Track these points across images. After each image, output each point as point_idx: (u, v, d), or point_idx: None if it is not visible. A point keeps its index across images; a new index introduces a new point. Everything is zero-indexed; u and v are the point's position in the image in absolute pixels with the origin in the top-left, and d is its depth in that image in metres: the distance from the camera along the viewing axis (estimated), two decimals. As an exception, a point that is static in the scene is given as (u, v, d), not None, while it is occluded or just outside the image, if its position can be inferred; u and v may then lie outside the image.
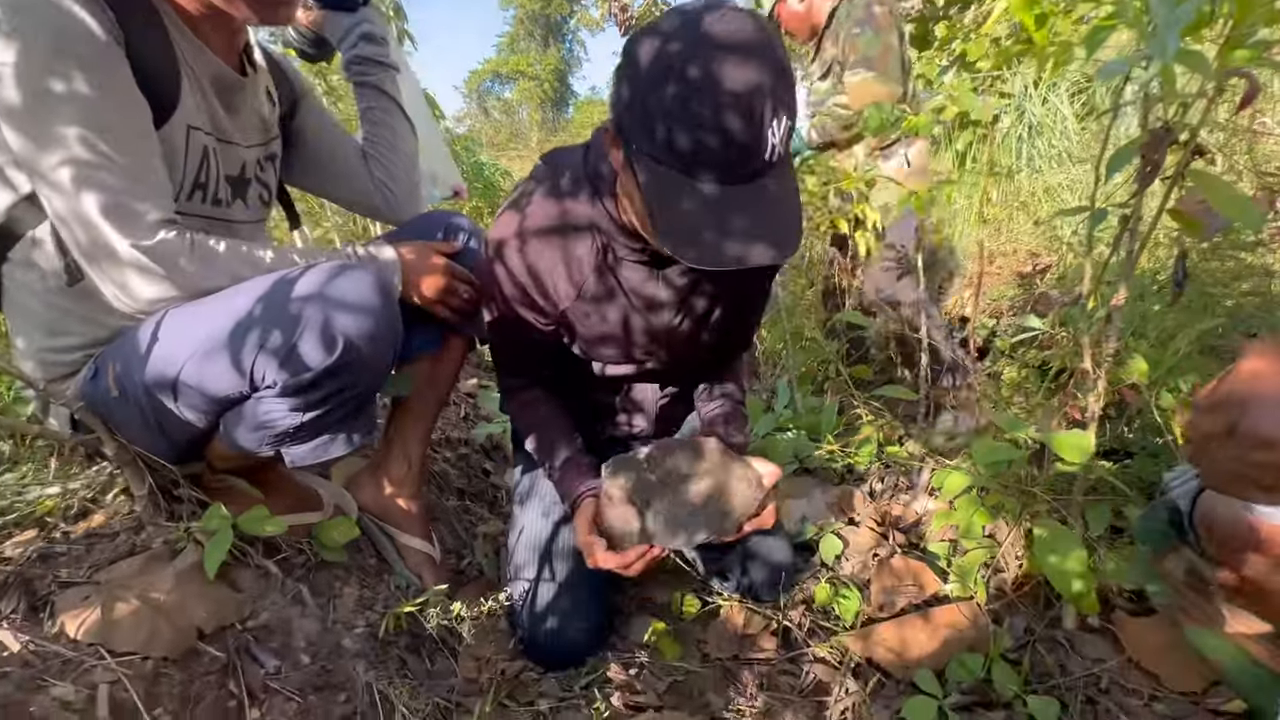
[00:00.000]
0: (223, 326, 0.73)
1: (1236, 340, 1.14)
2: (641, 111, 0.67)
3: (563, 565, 1.09)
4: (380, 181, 1.16)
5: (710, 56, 0.64)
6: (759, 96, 0.64)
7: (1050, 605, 1.05)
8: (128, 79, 0.74)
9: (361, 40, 1.13)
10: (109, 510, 1.02)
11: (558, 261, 0.91)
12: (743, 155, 0.66)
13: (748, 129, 0.65)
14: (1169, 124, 0.87)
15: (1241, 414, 0.49)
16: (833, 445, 1.53)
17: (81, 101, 0.70)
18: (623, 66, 0.70)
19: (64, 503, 1.02)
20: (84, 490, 1.06)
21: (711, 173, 0.67)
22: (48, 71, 0.69)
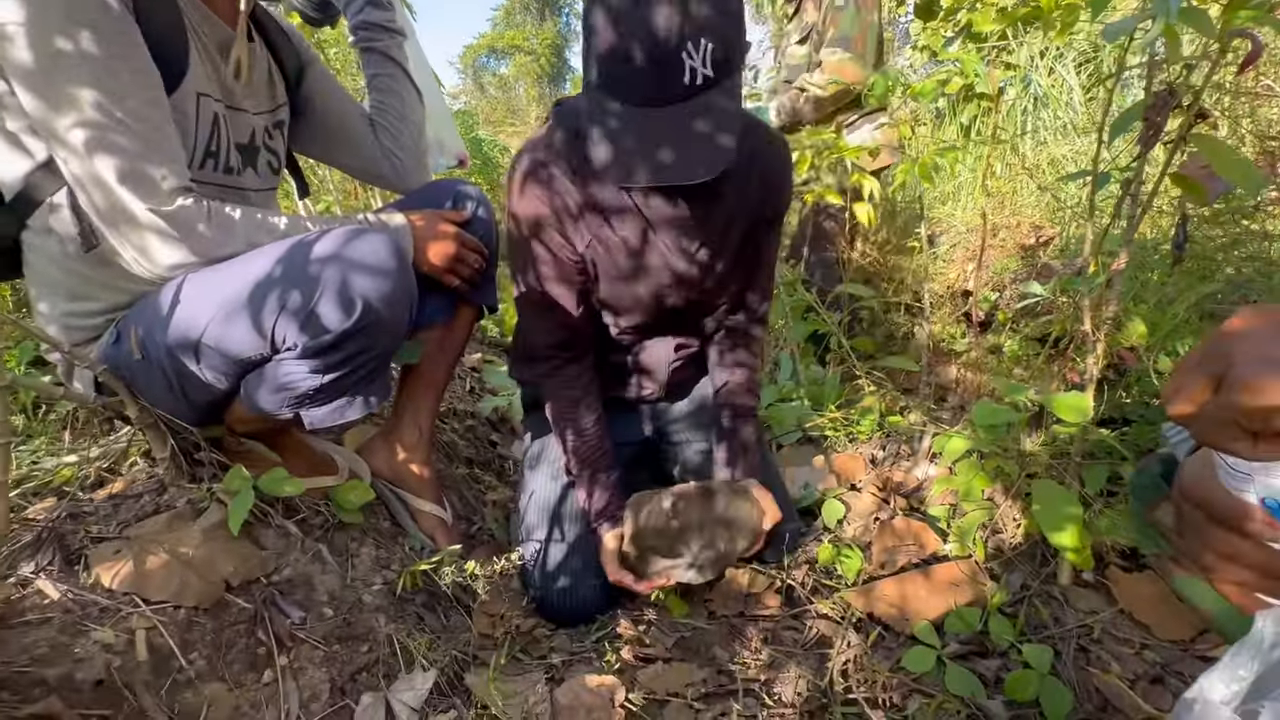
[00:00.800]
0: (243, 289, 0.75)
1: (1235, 305, 1.16)
2: (586, 49, 0.75)
3: (573, 526, 1.12)
4: (388, 149, 1.16)
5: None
6: (671, 23, 0.68)
7: (1046, 562, 1.08)
8: (140, 46, 0.75)
9: (368, 5, 1.13)
10: (127, 479, 1.05)
11: (577, 189, 0.95)
12: (656, 80, 0.71)
13: (655, 53, 0.69)
14: (1172, 86, 0.88)
15: (1228, 365, 0.52)
16: (835, 414, 1.56)
17: (95, 66, 0.71)
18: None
19: (80, 471, 1.05)
20: (100, 460, 1.09)
21: (632, 96, 0.72)
22: (62, 35, 0.69)
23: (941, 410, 1.76)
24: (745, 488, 1.09)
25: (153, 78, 0.76)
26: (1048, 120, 3.02)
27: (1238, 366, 0.50)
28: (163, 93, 0.78)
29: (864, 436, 1.55)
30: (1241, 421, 0.52)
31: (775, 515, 1.06)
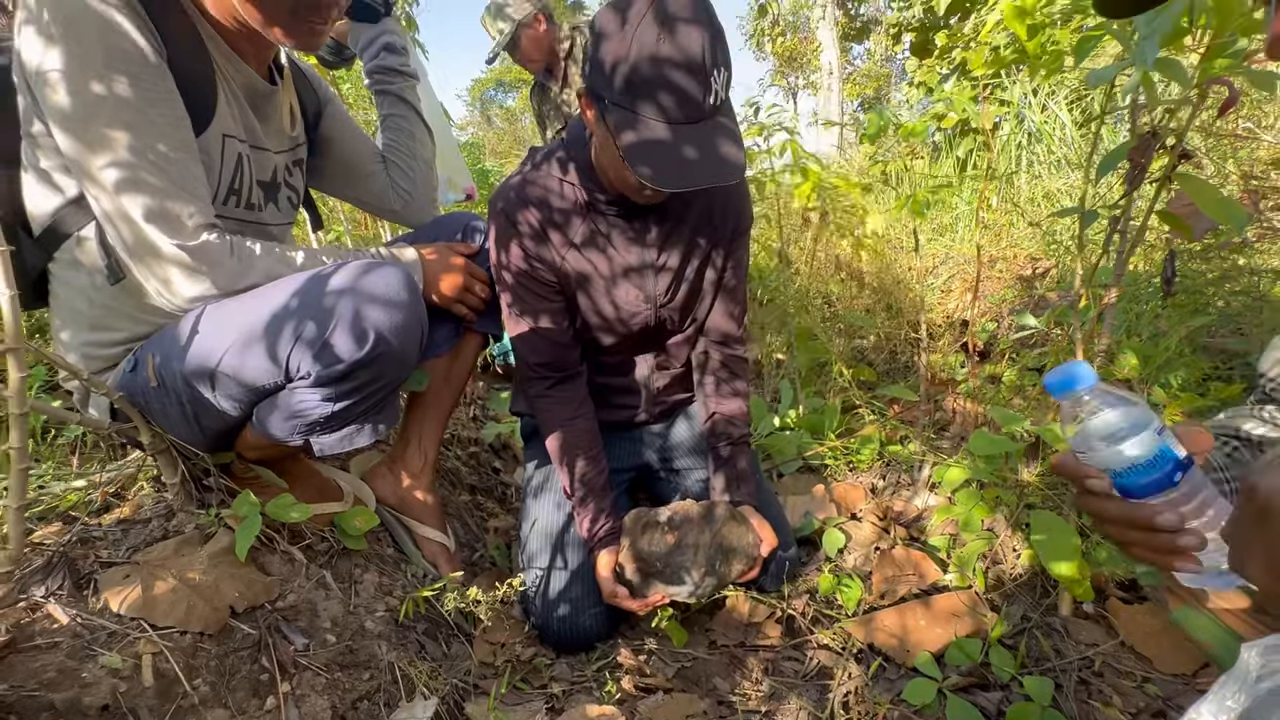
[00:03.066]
0: (260, 320, 0.77)
1: (1226, 339, 1.18)
2: (611, 70, 0.82)
3: (575, 554, 1.13)
4: (399, 186, 1.21)
5: (661, 21, 0.78)
6: (703, 53, 0.79)
7: (1046, 593, 1.09)
8: (172, 93, 0.79)
9: (384, 51, 1.18)
10: (134, 503, 1.06)
11: (549, 218, 1.03)
12: (688, 104, 0.81)
13: (692, 80, 0.79)
14: (1155, 129, 0.92)
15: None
16: (835, 443, 1.57)
17: (130, 111, 0.75)
18: (592, 41, 0.85)
19: (87, 496, 1.07)
20: (108, 484, 1.11)
21: (664, 115, 0.81)
22: (100, 82, 0.74)
23: (941, 439, 1.77)
24: (743, 513, 1.10)
25: (182, 122, 0.80)
26: (1041, 155, 3.09)
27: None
28: (191, 135, 0.82)
29: (864, 465, 1.55)
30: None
31: (772, 541, 1.08)
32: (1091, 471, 0.51)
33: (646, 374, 1.22)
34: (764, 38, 12.25)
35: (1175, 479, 0.48)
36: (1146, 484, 0.48)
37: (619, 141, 0.83)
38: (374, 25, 1.19)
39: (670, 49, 0.79)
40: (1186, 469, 0.48)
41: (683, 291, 1.11)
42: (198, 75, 0.82)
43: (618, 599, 1.05)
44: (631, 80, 0.81)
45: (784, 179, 1.77)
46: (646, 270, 1.08)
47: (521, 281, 1.05)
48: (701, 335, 1.21)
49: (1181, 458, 0.48)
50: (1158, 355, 1.05)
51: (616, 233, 1.05)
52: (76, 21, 0.73)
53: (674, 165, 0.82)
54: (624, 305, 1.09)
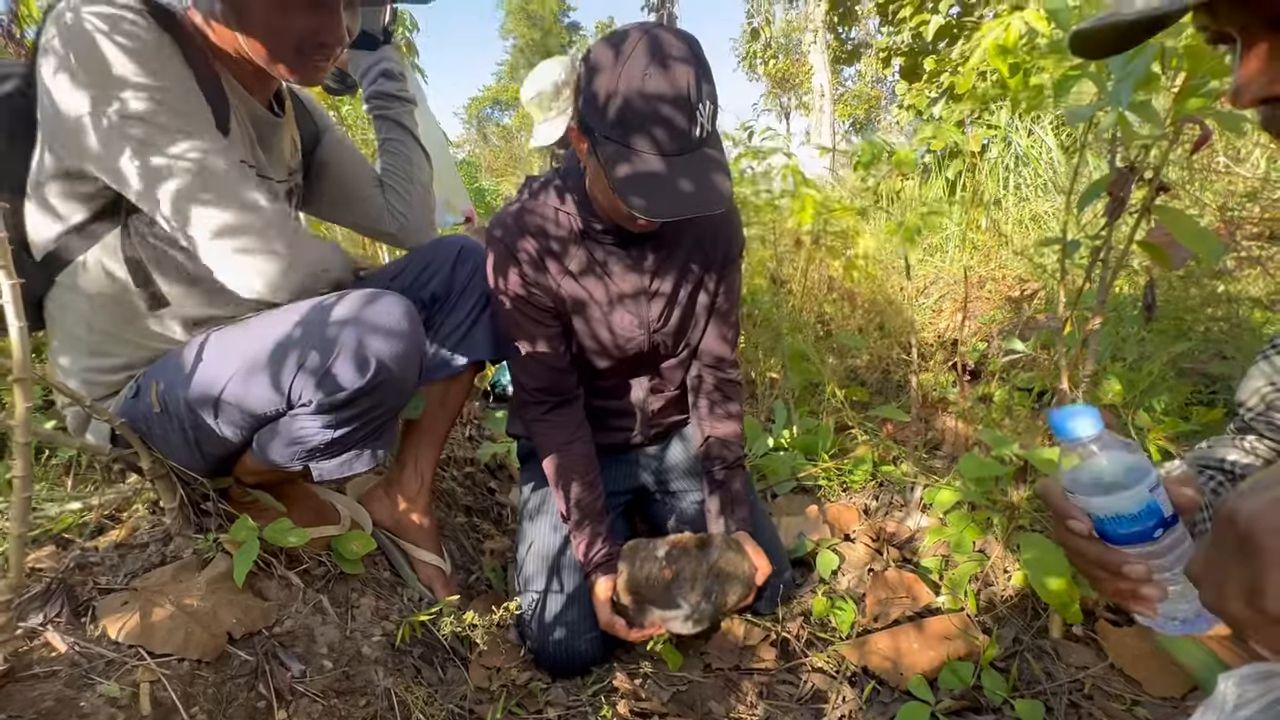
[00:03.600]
0: (264, 349, 0.79)
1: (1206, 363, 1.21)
2: (603, 105, 0.84)
3: (571, 577, 1.13)
4: (396, 209, 1.22)
5: (651, 57, 0.82)
6: (689, 88, 0.82)
7: (1037, 615, 1.10)
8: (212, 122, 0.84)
9: (382, 77, 1.21)
10: (129, 525, 1.07)
11: (546, 246, 1.06)
12: (678, 136, 0.84)
13: (680, 113, 0.83)
14: (1133, 163, 0.95)
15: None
16: (828, 464, 1.58)
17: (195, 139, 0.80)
18: (585, 74, 0.88)
19: (81, 519, 1.07)
20: (102, 507, 1.11)
21: (654, 146, 0.84)
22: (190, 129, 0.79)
23: (934, 459, 1.79)
24: (739, 541, 1.11)
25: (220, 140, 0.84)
26: (1029, 178, 3.15)
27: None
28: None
29: (857, 486, 1.57)
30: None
31: (766, 569, 1.09)
32: (1074, 512, 0.52)
33: (641, 397, 1.23)
34: (756, 60, 12.47)
35: (1155, 534, 0.49)
36: (1126, 534, 0.49)
37: (610, 173, 0.86)
38: (373, 52, 1.22)
39: (659, 84, 0.82)
40: (1170, 526, 0.49)
41: (676, 316, 1.13)
42: (218, 107, 0.84)
43: (615, 628, 1.06)
44: (622, 112, 0.84)
45: (781, 203, 1.81)
46: (641, 296, 1.10)
47: (519, 308, 1.07)
48: (695, 359, 1.22)
49: (1167, 515, 0.49)
50: (1141, 380, 1.07)
51: (612, 259, 1.08)
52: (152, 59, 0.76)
53: (663, 195, 0.84)
54: (620, 331, 1.11)
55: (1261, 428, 0.67)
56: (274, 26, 0.83)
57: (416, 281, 1.12)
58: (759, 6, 11.27)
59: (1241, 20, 0.43)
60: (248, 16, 0.83)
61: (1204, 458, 0.68)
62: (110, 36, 0.76)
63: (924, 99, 5.51)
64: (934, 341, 2.75)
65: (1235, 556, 0.39)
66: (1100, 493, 0.49)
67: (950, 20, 5.20)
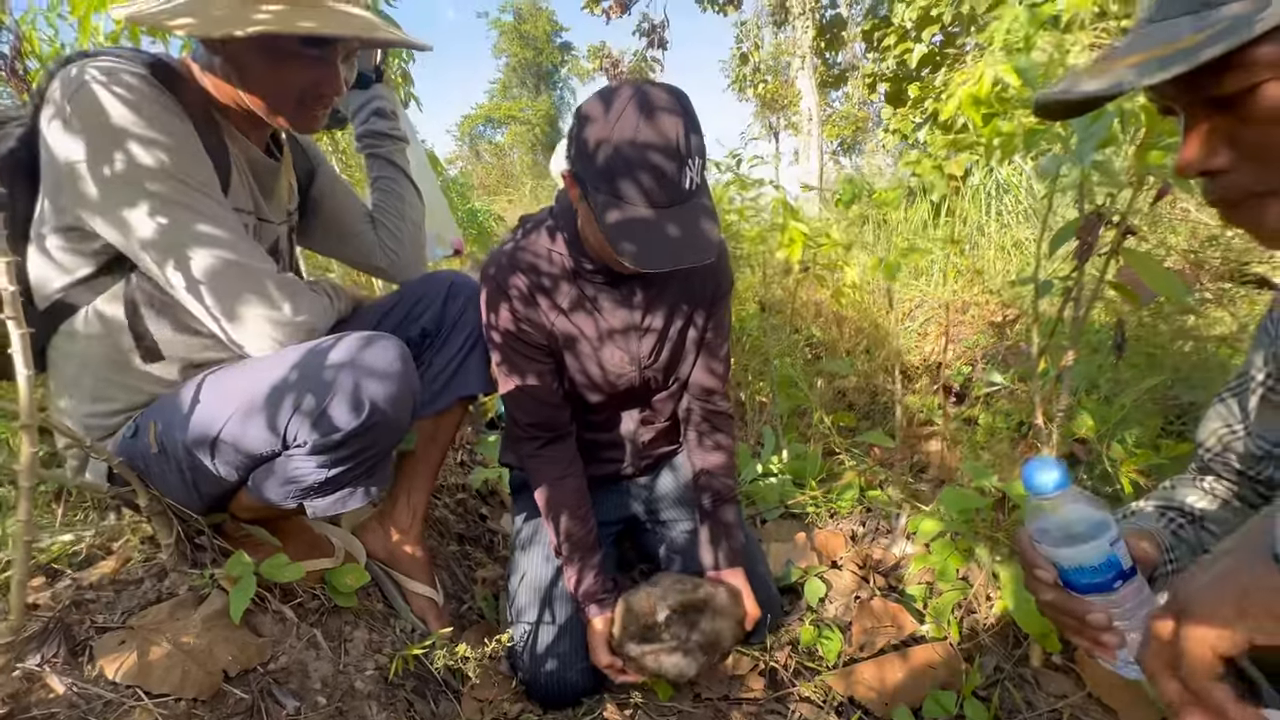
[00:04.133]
0: (261, 391, 0.81)
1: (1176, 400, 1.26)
2: (593, 166, 0.88)
3: (563, 609, 1.15)
4: (386, 245, 1.25)
5: (640, 111, 0.85)
6: (678, 140, 0.85)
7: (1018, 644, 1.13)
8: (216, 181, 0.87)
9: (374, 115, 1.24)
10: (121, 557, 1.07)
11: (541, 287, 1.08)
12: (667, 187, 0.87)
13: (670, 163, 0.86)
14: (1100, 210, 1.00)
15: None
16: (815, 491, 1.61)
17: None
18: (577, 124, 0.91)
19: (70, 549, 1.07)
20: (93, 538, 1.12)
21: (645, 197, 0.87)
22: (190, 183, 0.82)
23: (920, 483, 1.82)
24: (730, 588, 1.13)
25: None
26: (1010, 205, 3.24)
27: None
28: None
29: (844, 512, 1.60)
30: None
31: (755, 613, 1.13)
32: (1041, 562, 0.55)
33: (632, 429, 1.26)
34: (745, 83, 12.70)
35: (1115, 586, 0.52)
36: (1088, 585, 0.52)
37: (601, 221, 0.88)
38: (365, 91, 1.26)
39: (648, 134, 0.85)
40: (1128, 578, 0.52)
41: (666, 352, 1.16)
42: (218, 159, 0.87)
43: (612, 670, 1.08)
44: (612, 161, 0.86)
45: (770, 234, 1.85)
46: (631, 331, 1.13)
47: (511, 344, 1.10)
48: (685, 391, 1.25)
49: (1126, 568, 0.52)
50: (1113, 414, 1.11)
51: (602, 296, 1.10)
52: (155, 121, 0.80)
53: (654, 245, 0.87)
54: (610, 367, 1.13)
55: (1219, 468, 0.71)
56: (274, 82, 0.86)
57: (408, 316, 1.14)
58: (748, 31, 11.51)
59: (1184, 100, 0.48)
60: (247, 73, 0.86)
61: (1166, 499, 0.72)
62: (109, 88, 0.78)
63: (909, 124, 5.65)
64: (920, 365, 2.80)
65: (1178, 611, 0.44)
66: (1065, 544, 0.52)
67: (933, 49, 5.34)
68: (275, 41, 0.82)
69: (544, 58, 28.67)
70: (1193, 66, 0.40)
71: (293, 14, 0.79)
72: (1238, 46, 0.39)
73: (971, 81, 1.05)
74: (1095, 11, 1.30)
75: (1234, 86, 0.42)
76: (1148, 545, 0.58)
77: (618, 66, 7.43)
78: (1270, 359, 0.63)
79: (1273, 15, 0.38)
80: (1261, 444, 0.65)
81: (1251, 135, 0.44)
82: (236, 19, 0.77)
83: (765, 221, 1.94)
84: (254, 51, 0.84)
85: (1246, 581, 0.41)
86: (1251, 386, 0.66)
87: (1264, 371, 0.64)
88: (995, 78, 1.01)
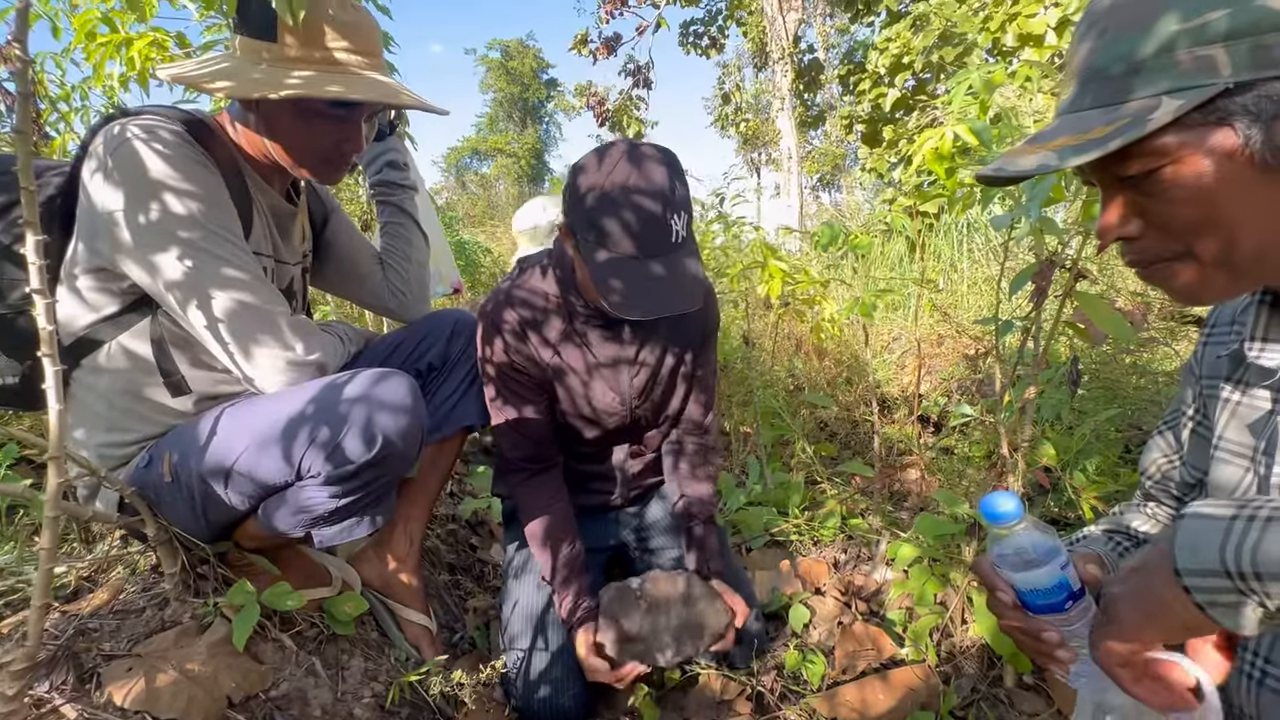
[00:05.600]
0: (277, 423, 0.85)
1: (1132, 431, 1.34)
2: (585, 211, 0.94)
3: (555, 635, 1.18)
4: (394, 286, 1.31)
5: (628, 173, 0.92)
6: (662, 200, 0.92)
7: (992, 665, 1.18)
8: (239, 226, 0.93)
9: (387, 166, 1.32)
10: (111, 588, 1.09)
11: (533, 322, 1.15)
12: (653, 239, 0.92)
13: (654, 221, 0.92)
14: (1052, 257, 1.09)
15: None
16: (799, 519, 1.66)
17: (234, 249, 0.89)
18: (571, 175, 0.98)
19: (60, 582, 1.09)
20: (92, 564, 1.14)
21: (634, 243, 0.92)
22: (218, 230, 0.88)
23: (900, 510, 1.88)
24: (714, 586, 1.17)
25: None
26: (980, 243, 3.39)
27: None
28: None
29: (827, 539, 1.65)
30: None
31: (744, 611, 1.15)
32: (1001, 584, 0.61)
33: (622, 460, 1.31)
34: (728, 121, 13.11)
35: (1066, 606, 0.58)
36: (1042, 605, 0.58)
37: (589, 264, 0.95)
38: (380, 143, 1.33)
39: (637, 179, 0.91)
40: (1078, 599, 0.58)
41: (657, 392, 1.22)
42: (240, 202, 0.93)
43: (598, 675, 1.10)
44: (602, 203, 0.92)
45: (752, 271, 1.94)
46: (621, 366, 1.18)
47: (504, 377, 1.15)
48: (674, 426, 1.31)
49: (1075, 589, 0.58)
50: (1074, 444, 1.19)
51: (593, 333, 1.16)
52: (187, 173, 0.85)
53: (639, 292, 0.93)
54: (601, 405, 1.19)
55: (1160, 495, 0.78)
56: (302, 138, 0.93)
57: (414, 352, 1.20)
58: (729, 73, 11.93)
59: (1099, 177, 0.56)
60: (278, 128, 0.93)
61: (1114, 524, 0.78)
62: (149, 144, 0.85)
63: (884, 163, 5.89)
64: (899, 395, 2.89)
65: (1105, 623, 0.51)
66: (1021, 568, 0.58)
67: (905, 93, 5.60)
68: (305, 103, 0.89)
69: (530, 93, 29.29)
70: (1102, 154, 0.48)
71: (322, 79, 0.86)
72: (1136, 139, 0.47)
73: (934, 139, 1.15)
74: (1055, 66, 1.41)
75: (1137, 169, 0.50)
76: (1094, 567, 0.64)
77: (604, 104, 7.65)
78: (1196, 395, 0.71)
79: (1162, 115, 0.46)
80: (1194, 473, 0.72)
81: (1155, 209, 0.52)
82: (271, 83, 0.84)
83: (746, 258, 2.03)
84: (285, 110, 0.91)
85: (1152, 593, 0.48)
86: (1183, 420, 0.73)
87: (1192, 406, 0.72)
88: (955, 135, 1.11)
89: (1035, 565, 0.58)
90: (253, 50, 0.89)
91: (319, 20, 0.87)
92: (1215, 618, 0.43)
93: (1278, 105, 0.44)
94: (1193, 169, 0.48)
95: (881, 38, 5.81)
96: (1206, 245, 0.50)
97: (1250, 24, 0.44)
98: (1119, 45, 0.49)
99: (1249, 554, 0.40)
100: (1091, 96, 0.52)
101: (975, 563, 0.66)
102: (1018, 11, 4.59)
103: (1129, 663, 0.51)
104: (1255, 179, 0.47)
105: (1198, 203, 0.49)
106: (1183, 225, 0.51)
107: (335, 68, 0.89)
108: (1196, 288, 0.53)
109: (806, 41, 9.82)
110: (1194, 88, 0.46)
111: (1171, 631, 0.47)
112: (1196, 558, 0.43)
